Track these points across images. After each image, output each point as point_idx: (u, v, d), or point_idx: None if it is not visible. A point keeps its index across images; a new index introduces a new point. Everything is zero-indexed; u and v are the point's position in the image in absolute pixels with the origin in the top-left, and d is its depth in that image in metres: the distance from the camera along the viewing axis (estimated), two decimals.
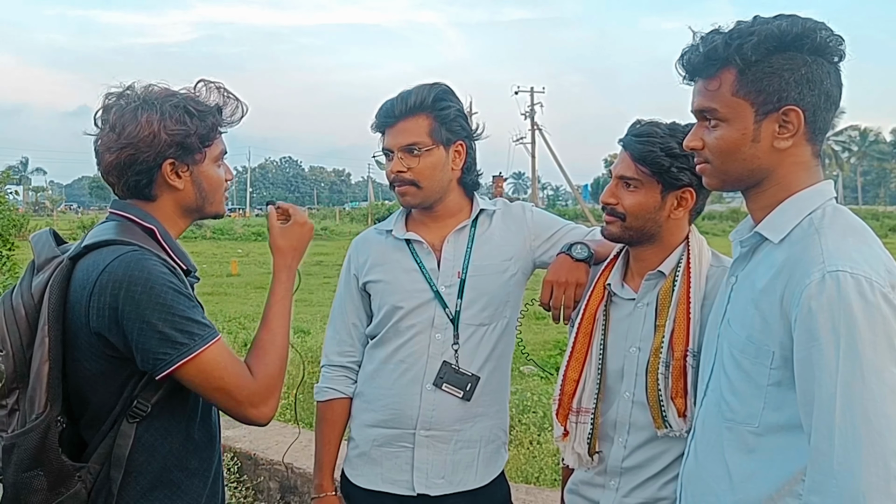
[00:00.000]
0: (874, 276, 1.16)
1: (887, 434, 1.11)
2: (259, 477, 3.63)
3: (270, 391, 1.57)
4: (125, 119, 1.55)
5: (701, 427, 1.45)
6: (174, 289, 1.48)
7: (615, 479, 1.81)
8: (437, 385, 1.97)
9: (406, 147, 1.94)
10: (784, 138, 1.30)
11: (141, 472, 1.54)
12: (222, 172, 1.70)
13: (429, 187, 1.97)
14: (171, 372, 1.46)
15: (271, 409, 1.57)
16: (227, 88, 1.68)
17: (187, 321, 1.47)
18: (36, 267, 1.57)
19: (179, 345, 1.45)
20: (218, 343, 1.50)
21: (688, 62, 1.36)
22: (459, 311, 1.99)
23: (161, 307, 1.44)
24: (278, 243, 1.74)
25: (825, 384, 1.15)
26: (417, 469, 1.99)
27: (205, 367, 1.48)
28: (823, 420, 1.15)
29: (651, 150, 1.69)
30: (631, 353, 1.78)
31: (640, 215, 1.74)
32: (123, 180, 1.59)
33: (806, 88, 1.27)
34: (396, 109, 1.95)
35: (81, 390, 1.52)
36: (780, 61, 1.28)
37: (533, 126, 46.20)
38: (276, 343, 1.62)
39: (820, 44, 1.27)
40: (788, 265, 1.25)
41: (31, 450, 1.43)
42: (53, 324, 1.47)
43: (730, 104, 1.32)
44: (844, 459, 1.12)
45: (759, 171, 1.34)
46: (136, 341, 1.44)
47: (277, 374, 1.59)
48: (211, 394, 1.51)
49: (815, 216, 1.29)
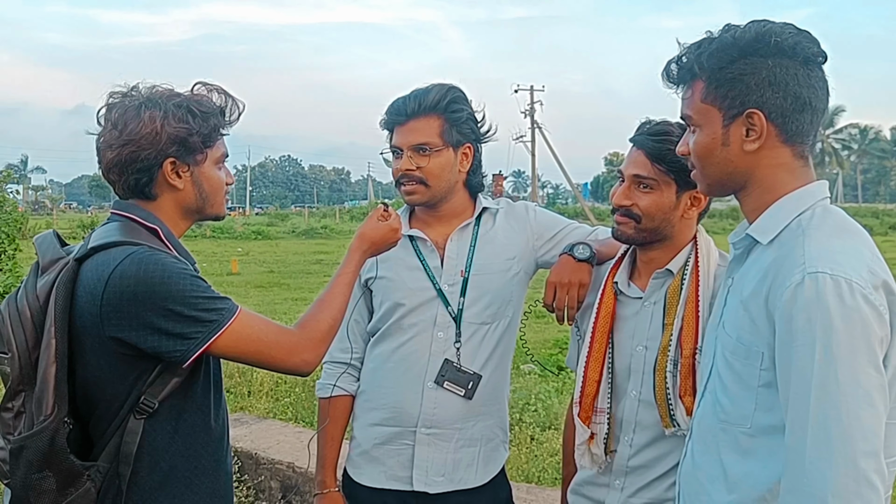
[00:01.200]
0: (855, 278, 1.16)
1: (858, 435, 1.12)
2: (260, 476, 3.63)
3: (315, 343, 1.60)
4: (128, 116, 1.56)
5: (698, 428, 1.46)
6: (191, 274, 1.51)
7: (620, 479, 1.81)
8: (439, 383, 1.98)
9: (416, 146, 1.95)
10: (751, 141, 1.32)
11: (150, 469, 1.54)
12: (223, 175, 1.70)
13: (436, 186, 1.98)
14: (208, 348, 1.49)
15: (315, 359, 1.61)
16: (224, 90, 1.69)
17: (210, 300, 1.50)
18: (40, 268, 1.57)
19: (209, 322, 1.49)
20: (243, 311, 1.54)
21: (667, 73, 1.42)
22: (462, 309, 1.99)
23: (183, 294, 1.46)
24: (365, 231, 1.81)
25: (801, 384, 1.16)
26: (417, 467, 2.00)
27: (239, 334, 1.51)
28: (798, 419, 1.16)
29: (669, 149, 1.66)
30: (638, 351, 1.78)
31: (655, 216, 1.73)
32: (124, 178, 1.59)
33: (768, 91, 1.29)
34: (409, 108, 1.95)
35: (90, 390, 1.52)
36: (741, 67, 1.30)
37: (533, 124, 46.18)
38: (333, 304, 1.67)
39: (780, 46, 1.28)
40: (774, 267, 1.26)
41: (40, 452, 1.44)
42: (60, 325, 1.47)
43: (700, 111, 1.36)
44: (816, 459, 1.14)
45: (738, 174, 1.36)
46: (165, 330, 1.45)
47: (326, 330, 1.63)
48: (252, 356, 1.55)
49: (804, 217, 1.30)
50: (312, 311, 1.65)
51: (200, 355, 1.49)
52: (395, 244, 1.86)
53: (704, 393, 1.46)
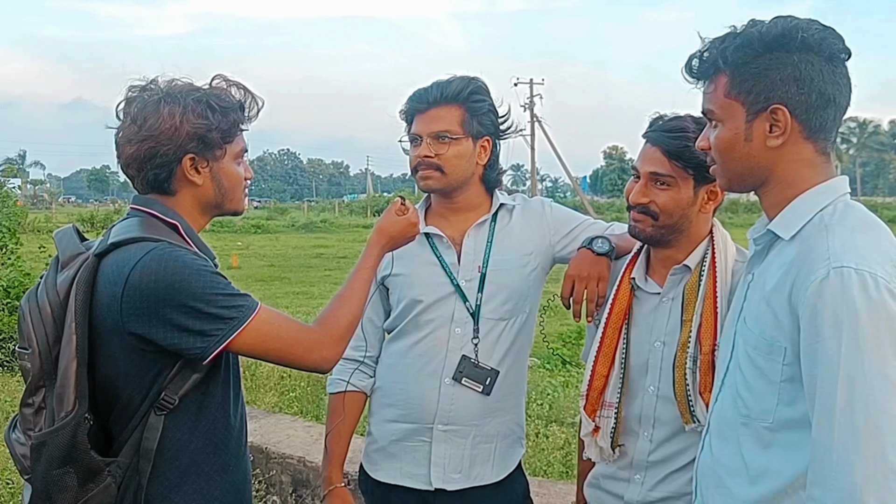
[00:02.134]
0: (879, 272, 1.16)
1: (886, 429, 1.13)
2: (271, 471, 3.63)
3: (335, 339, 1.60)
4: (147, 111, 1.54)
5: (716, 422, 1.46)
6: (211, 271, 1.50)
7: (640, 473, 1.81)
8: (457, 379, 1.97)
9: (437, 134, 1.95)
10: (775, 136, 1.32)
11: (170, 465, 1.54)
12: (242, 170, 1.69)
13: (452, 174, 1.97)
14: (228, 345, 1.48)
15: (335, 356, 1.61)
16: (244, 85, 1.67)
17: (231, 297, 1.50)
18: (60, 263, 1.56)
19: (230, 319, 1.48)
20: (263, 308, 1.54)
21: (689, 68, 1.41)
22: (480, 304, 1.99)
23: (204, 291, 1.46)
24: (383, 225, 1.80)
25: (827, 378, 1.16)
26: (434, 464, 1.99)
27: (259, 331, 1.51)
28: (825, 413, 1.17)
29: (687, 145, 1.65)
30: (655, 347, 1.77)
31: (674, 213, 1.72)
32: (143, 173, 1.58)
33: (793, 87, 1.29)
34: (431, 96, 1.96)
35: (110, 386, 1.52)
36: (766, 62, 1.30)
37: (532, 118, 46.10)
38: (352, 300, 1.67)
39: (806, 42, 1.28)
40: (797, 262, 1.26)
41: (62, 448, 1.43)
42: (80, 321, 1.46)
43: (723, 105, 1.36)
44: (843, 452, 1.14)
45: (759, 170, 1.36)
46: (186, 327, 1.45)
47: (346, 326, 1.62)
48: (272, 353, 1.55)
49: (826, 212, 1.30)
50: (332, 308, 1.65)
51: (221, 352, 1.49)
52: (413, 238, 1.85)
53: (722, 387, 1.45)
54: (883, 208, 44.81)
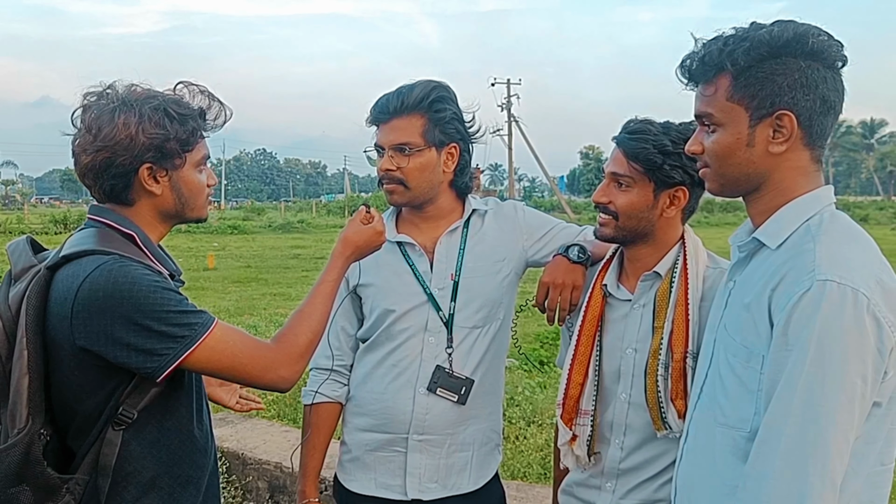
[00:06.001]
0: (863, 288, 1.16)
1: (833, 444, 1.14)
2: (248, 477, 3.59)
3: (293, 358, 1.56)
4: (102, 120, 1.50)
5: (694, 430, 1.45)
6: (162, 287, 1.45)
7: (612, 481, 1.80)
8: (431, 390, 1.94)
9: (397, 146, 1.91)
10: (778, 143, 1.30)
11: (130, 481, 1.51)
12: (204, 178, 1.65)
13: (417, 188, 1.94)
14: (180, 364, 1.44)
15: (292, 375, 1.56)
16: (210, 91, 1.64)
17: (183, 314, 1.45)
18: (13, 276, 1.52)
19: (181, 338, 1.44)
20: (219, 325, 1.50)
21: (687, 68, 1.38)
22: (453, 313, 1.96)
23: (153, 309, 1.41)
24: (348, 235, 1.76)
25: (787, 385, 1.17)
26: (410, 474, 1.97)
27: (213, 350, 1.47)
28: (778, 416, 1.17)
29: (644, 147, 1.68)
30: (627, 354, 1.77)
31: (632, 214, 1.73)
32: (99, 184, 1.54)
33: (800, 93, 1.28)
34: (391, 106, 1.91)
35: (67, 401, 1.48)
36: (773, 66, 1.28)
37: (510, 118, 46.21)
38: (313, 316, 1.62)
39: (814, 48, 1.28)
40: (782, 271, 1.26)
41: (15, 465, 1.40)
42: (32, 336, 1.42)
43: (725, 109, 1.33)
44: (788, 458, 1.15)
45: (756, 176, 1.34)
46: (134, 346, 1.41)
47: (305, 344, 1.58)
48: (228, 372, 1.51)
49: (813, 222, 1.30)
50: (291, 325, 1.60)
51: (173, 371, 1.45)
52: (379, 247, 1.82)
53: (701, 395, 1.45)
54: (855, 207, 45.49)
